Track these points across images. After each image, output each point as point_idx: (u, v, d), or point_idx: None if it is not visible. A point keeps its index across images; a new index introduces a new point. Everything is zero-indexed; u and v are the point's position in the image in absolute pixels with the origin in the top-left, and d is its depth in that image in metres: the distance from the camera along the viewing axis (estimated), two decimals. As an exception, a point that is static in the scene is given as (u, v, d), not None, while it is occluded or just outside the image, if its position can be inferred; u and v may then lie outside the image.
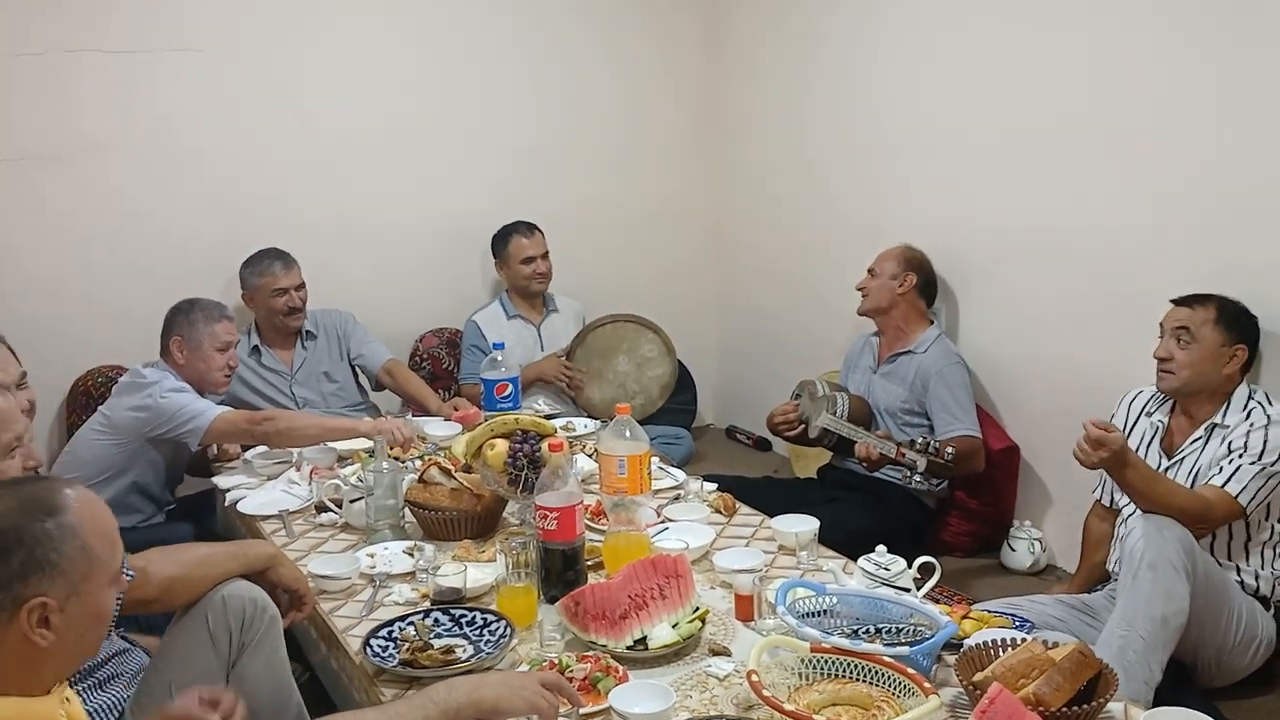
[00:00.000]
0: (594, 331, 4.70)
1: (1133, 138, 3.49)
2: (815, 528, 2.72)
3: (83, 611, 1.54)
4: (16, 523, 1.49)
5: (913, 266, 3.96)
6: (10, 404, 2.27)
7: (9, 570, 1.47)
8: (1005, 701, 1.77)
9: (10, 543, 1.48)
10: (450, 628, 2.32)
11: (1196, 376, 2.96)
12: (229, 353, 3.64)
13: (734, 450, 5.37)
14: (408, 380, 4.26)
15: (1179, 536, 2.64)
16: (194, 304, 3.65)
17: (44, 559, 1.49)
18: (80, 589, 1.53)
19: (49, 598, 1.49)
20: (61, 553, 1.51)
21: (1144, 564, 2.61)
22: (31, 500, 1.53)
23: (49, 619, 1.49)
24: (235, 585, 2.25)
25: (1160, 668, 2.58)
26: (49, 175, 4.12)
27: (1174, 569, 2.59)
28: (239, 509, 3.16)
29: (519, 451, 2.75)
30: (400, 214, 4.77)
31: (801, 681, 2.00)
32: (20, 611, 1.47)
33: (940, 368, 3.84)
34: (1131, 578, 2.63)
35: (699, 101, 5.38)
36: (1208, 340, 2.94)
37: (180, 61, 4.26)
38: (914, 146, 4.33)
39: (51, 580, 1.49)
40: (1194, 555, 2.65)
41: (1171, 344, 2.98)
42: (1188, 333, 2.96)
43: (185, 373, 3.56)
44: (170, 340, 3.59)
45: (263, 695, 2.25)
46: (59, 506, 1.53)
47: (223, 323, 3.64)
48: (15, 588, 1.47)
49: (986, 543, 4.01)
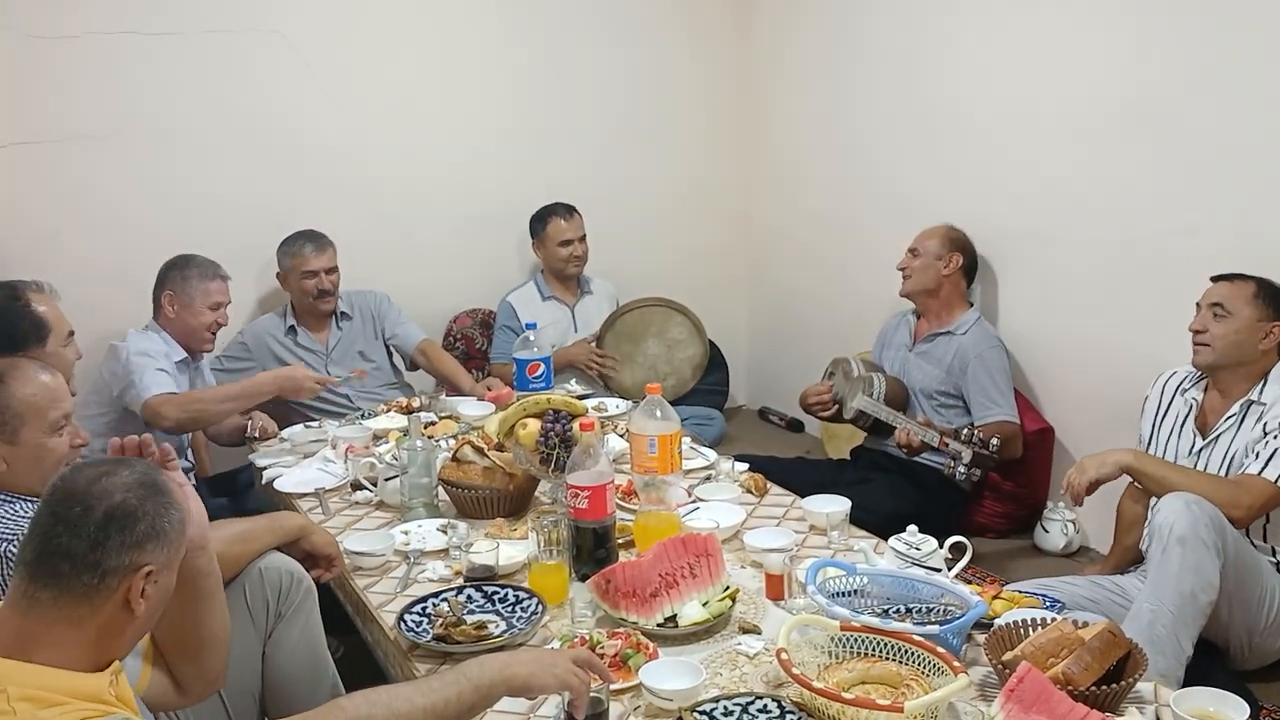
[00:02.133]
0: (622, 317, 4.70)
1: (1170, 118, 3.46)
2: (846, 508, 2.73)
3: (167, 584, 1.63)
4: (141, 494, 1.58)
5: (958, 247, 3.94)
6: (59, 382, 2.32)
7: (133, 537, 1.55)
8: (1034, 680, 1.78)
9: (138, 513, 1.56)
10: (483, 604, 2.34)
11: (1231, 350, 2.92)
12: (219, 312, 3.68)
13: (766, 431, 5.37)
14: (441, 360, 4.29)
15: (1209, 513, 2.61)
16: (189, 260, 3.68)
17: (160, 529, 1.58)
18: (172, 562, 1.63)
19: (154, 565, 1.57)
20: (170, 521, 1.60)
21: (1173, 539, 2.59)
22: (144, 476, 1.61)
23: (146, 588, 1.57)
24: (271, 558, 2.30)
25: (1190, 643, 2.57)
26: (91, 156, 4.15)
27: (1204, 545, 2.57)
28: (276, 487, 3.19)
29: (551, 431, 2.77)
30: (434, 195, 4.79)
31: (831, 660, 2.01)
32: (135, 576, 1.54)
33: (980, 350, 3.82)
34: (1161, 553, 2.61)
35: (730, 81, 5.37)
36: (1244, 315, 2.90)
37: (218, 44, 4.28)
38: (949, 127, 4.30)
39: (161, 549, 1.58)
40: (1225, 533, 2.62)
41: (1207, 317, 2.95)
42: (1222, 307, 2.92)
43: (174, 327, 3.62)
44: (162, 294, 3.64)
45: (298, 664, 2.30)
46: (162, 484, 1.62)
47: (216, 281, 3.67)
48: (134, 554, 1.55)
49: (1020, 524, 4.00)
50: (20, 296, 2.95)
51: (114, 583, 1.53)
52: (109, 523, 1.54)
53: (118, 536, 1.54)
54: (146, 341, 3.55)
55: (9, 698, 1.44)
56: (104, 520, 1.54)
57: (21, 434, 2.20)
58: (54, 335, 2.91)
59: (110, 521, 1.54)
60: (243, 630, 2.23)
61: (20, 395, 2.22)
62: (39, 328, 2.89)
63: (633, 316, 4.71)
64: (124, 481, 1.58)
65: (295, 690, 2.27)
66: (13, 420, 2.20)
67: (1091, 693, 1.82)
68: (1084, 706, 1.75)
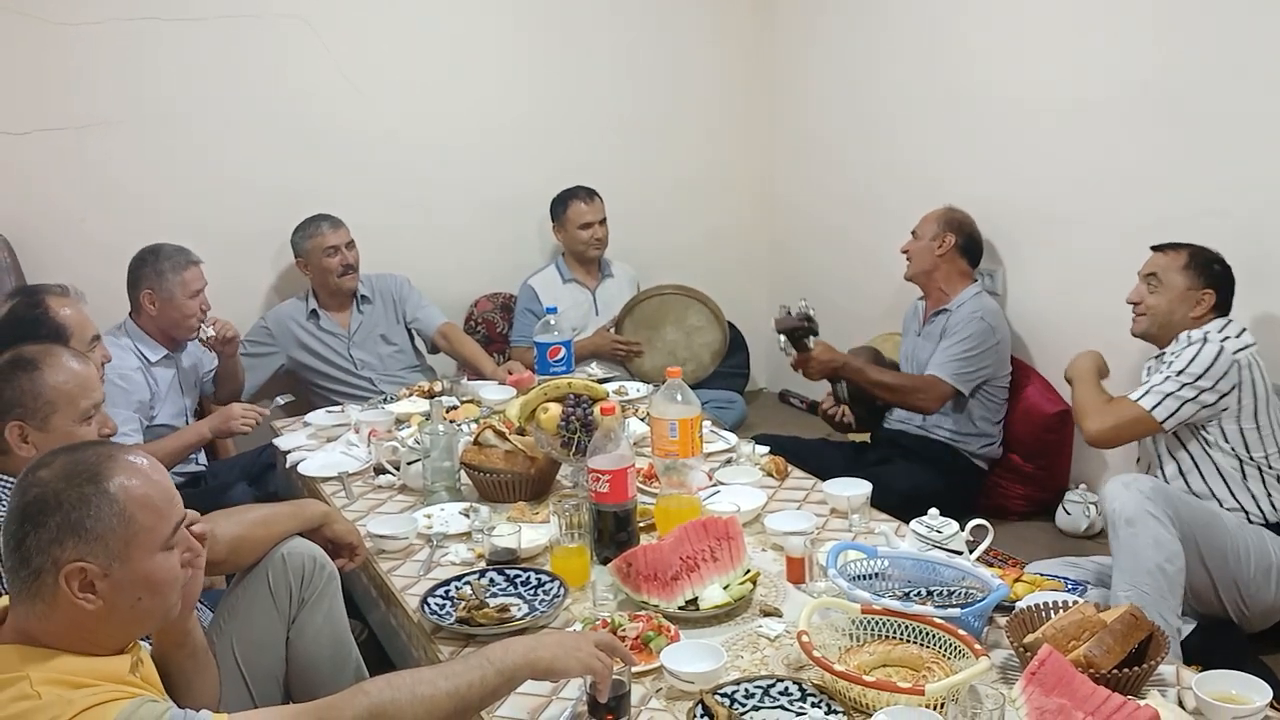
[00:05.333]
0: (640, 305, 4.69)
1: (1192, 100, 3.43)
2: (867, 491, 2.73)
3: (131, 577, 1.54)
4: (57, 488, 1.51)
5: (952, 227, 3.93)
6: (91, 370, 2.33)
7: (46, 534, 1.50)
8: (1055, 663, 1.78)
9: (48, 507, 1.50)
10: (505, 587, 2.35)
11: (1164, 318, 3.05)
12: (200, 298, 3.63)
13: (787, 414, 5.36)
14: (462, 344, 4.30)
15: (1150, 486, 2.70)
16: (158, 253, 3.61)
17: (79, 524, 1.50)
18: (123, 555, 1.53)
19: (87, 563, 1.50)
20: (98, 518, 1.51)
21: (1122, 521, 2.67)
22: (77, 466, 1.54)
23: (94, 584, 1.51)
24: (294, 543, 2.31)
25: (1174, 615, 2.63)
26: (111, 142, 4.18)
27: (1153, 518, 2.64)
28: (299, 471, 3.21)
29: (572, 415, 2.77)
30: (454, 179, 4.80)
31: (852, 643, 2.02)
32: (65, 573, 1.49)
33: (960, 321, 3.83)
34: (1117, 538, 2.69)
35: (751, 62, 5.35)
36: (1175, 284, 3.03)
37: (238, 29, 4.29)
38: (973, 109, 4.28)
39: (89, 545, 1.50)
40: (1170, 500, 2.70)
41: (1143, 289, 3.09)
42: (1156, 278, 3.06)
43: (158, 324, 3.59)
44: (140, 294, 3.58)
45: (322, 649, 2.31)
46: (103, 473, 1.54)
47: (190, 269, 3.62)
48: (52, 551, 1.49)
49: (1040, 506, 4.00)
50: (40, 304, 2.93)
51: (49, 580, 1.50)
52: (24, 518, 1.50)
53: (33, 533, 1.50)
54: (117, 359, 3.40)
55: (31, 683, 1.45)
56: (19, 515, 1.51)
57: (52, 421, 2.22)
58: (75, 340, 2.86)
59: (25, 517, 1.50)
60: (266, 615, 2.25)
61: (53, 382, 2.23)
62: (59, 334, 2.84)
63: (650, 304, 4.70)
64: (51, 473, 1.53)
65: (319, 675, 2.29)
66: (44, 407, 2.22)
67: (1113, 675, 1.82)
68: (1106, 689, 1.74)
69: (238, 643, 2.23)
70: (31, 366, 2.23)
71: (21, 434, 2.20)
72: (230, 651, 2.21)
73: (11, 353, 2.27)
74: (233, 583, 2.32)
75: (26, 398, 2.21)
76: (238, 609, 2.26)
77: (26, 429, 2.20)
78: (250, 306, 4.41)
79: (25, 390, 2.21)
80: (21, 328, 2.82)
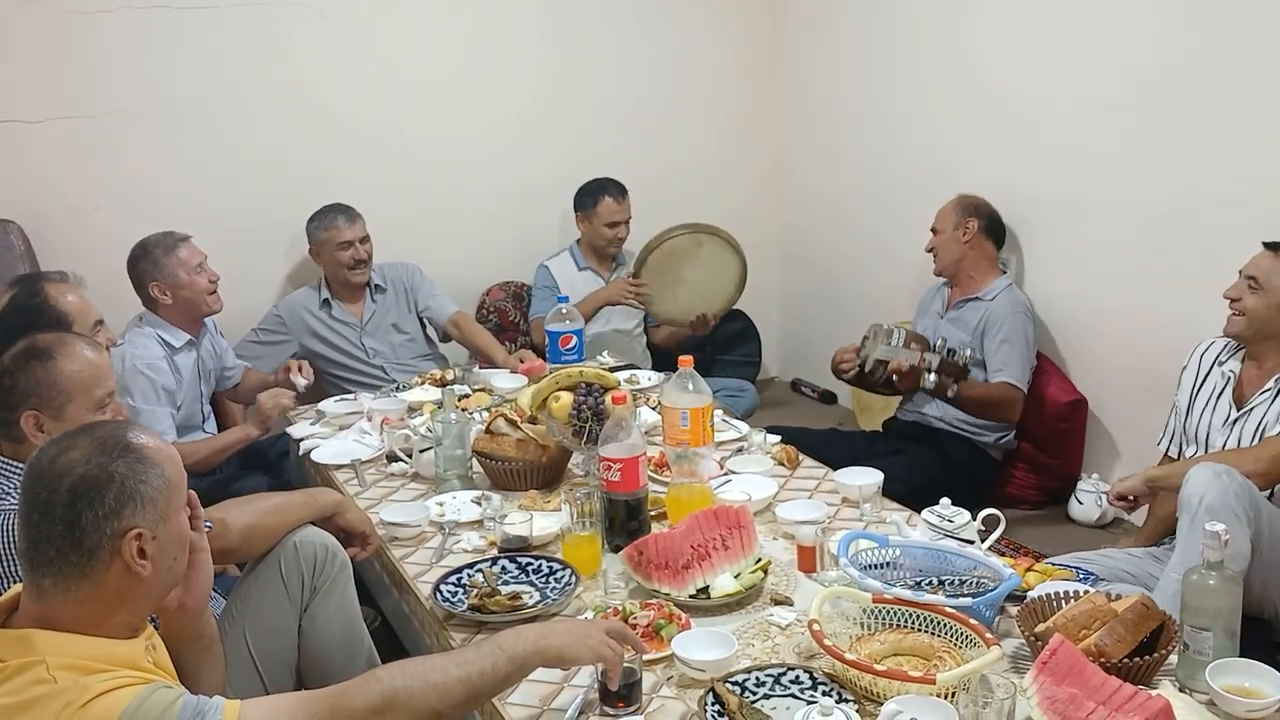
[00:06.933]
0: (650, 256, 4.54)
1: (1206, 87, 3.42)
2: (879, 481, 2.72)
3: (170, 537, 1.61)
4: (103, 461, 1.55)
5: (970, 212, 3.92)
6: (104, 359, 2.33)
7: (103, 509, 1.53)
8: (1066, 652, 1.78)
9: (101, 481, 1.54)
10: (517, 575, 2.36)
11: (1262, 323, 2.90)
12: (205, 270, 3.61)
13: (799, 403, 5.36)
14: (474, 332, 4.30)
15: (1239, 483, 2.59)
16: (146, 245, 3.59)
17: (134, 491, 1.56)
18: (166, 515, 1.60)
19: (143, 527, 1.56)
20: (149, 482, 1.58)
21: (1202, 508, 2.57)
22: (106, 441, 1.59)
23: (144, 549, 1.56)
24: (306, 531, 2.32)
25: None
26: (125, 131, 4.19)
27: (1233, 515, 2.54)
28: (313, 458, 3.22)
29: (583, 404, 2.78)
30: (467, 169, 4.80)
31: (863, 631, 2.02)
32: (122, 544, 1.54)
33: (1004, 315, 3.81)
34: (1190, 523, 2.59)
35: (764, 50, 5.33)
36: (1277, 289, 2.88)
37: (252, 18, 4.29)
38: (985, 96, 4.26)
39: (144, 510, 1.56)
40: (1256, 504, 2.60)
41: (1242, 287, 2.93)
42: (1256, 281, 2.90)
43: (173, 311, 3.57)
44: (149, 288, 3.57)
45: (334, 637, 2.32)
46: (133, 443, 1.60)
47: (182, 247, 3.59)
48: (111, 524, 1.54)
49: (1053, 496, 3.99)
50: (39, 292, 2.91)
51: (105, 556, 1.53)
52: (75, 499, 1.53)
53: (89, 511, 1.53)
54: (143, 350, 3.45)
55: (48, 667, 1.47)
56: (69, 498, 1.53)
57: (67, 410, 2.22)
58: (78, 325, 2.85)
59: (76, 498, 1.53)
60: (278, 604, 2.26)
61: (67, 371, 2.23)
62: (60, 321, 2.83)
63: (660, 253, 4.54)
64: (84, 452, 1.56)
65: (331, 663, 2.30)
66: (59, 396, 2.22)
67: (1124, 665, 1.81)
68: (1117, 679, 1.74)
69: (250, 631, 2.24)
70: (46, 356, 2.23)
71: (37, 423, 2.20)
72: (243, 639, 2.23)
73: (25, 342, 2.27)
74: (245, 571, 2.33)
75: (42, 387, 2.21)
76: (250, 597, 2.27)
77: (42, 418, 2.20)
78: (263, 295, 4.42)
79: (40, 380, 2.21)
80: (24, 317, 2.81)
